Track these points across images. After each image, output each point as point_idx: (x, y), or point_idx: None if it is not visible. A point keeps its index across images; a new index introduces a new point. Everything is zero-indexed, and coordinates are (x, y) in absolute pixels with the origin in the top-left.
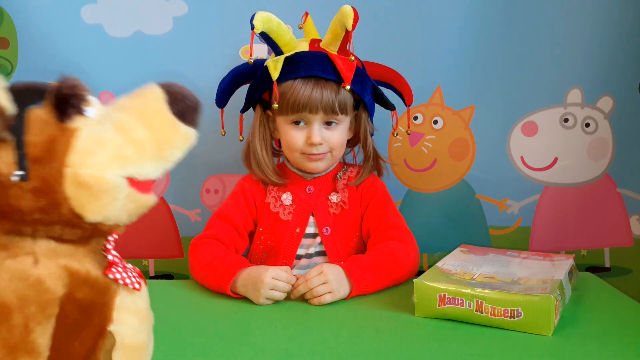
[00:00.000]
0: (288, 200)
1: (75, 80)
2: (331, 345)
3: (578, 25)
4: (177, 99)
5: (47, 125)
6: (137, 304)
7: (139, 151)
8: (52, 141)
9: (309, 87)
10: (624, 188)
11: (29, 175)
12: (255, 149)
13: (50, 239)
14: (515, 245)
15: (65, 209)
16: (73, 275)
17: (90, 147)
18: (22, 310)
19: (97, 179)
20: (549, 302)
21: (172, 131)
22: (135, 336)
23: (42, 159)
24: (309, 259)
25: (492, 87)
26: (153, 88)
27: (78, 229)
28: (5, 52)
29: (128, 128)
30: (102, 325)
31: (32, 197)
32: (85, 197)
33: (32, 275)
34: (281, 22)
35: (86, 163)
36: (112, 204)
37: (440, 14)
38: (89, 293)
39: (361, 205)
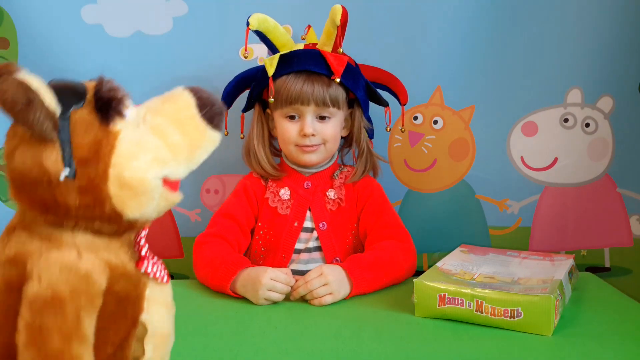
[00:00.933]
0: (286, 195)
1: (114, 83)
2: (331, 345)
3: (578, 25)
4: (206, 105)
5: (91, 127)
6: (165, 296)
7: (175, 154)
8: (97, 143)
9: (300, 81)
10: (624, 188)
11: (75, 175)
12: (252, 144)
13: (88, 233)
14: (515, 246)
15: (107, 207)
16: (112, 269)
17: (133, 150)
18: (74, 301)
19: (140, 181)
20: (549, 302)
21: (201, 135)
22: (163, 325)
23: (88, 160)
24: (309, 253)
25: (492, 87)
26: (184, 93)
27: (115, 224)
28: (5, 52)
29: (165, 133)
30: (135, 316)
31: (77, 195)
32: (126, 197)
33: (81, 269)
34: (278, 25)
35: (129, 165)
36: (149, 202)
37: (440, 14)
38: (125, 286)
39: (357, 204)
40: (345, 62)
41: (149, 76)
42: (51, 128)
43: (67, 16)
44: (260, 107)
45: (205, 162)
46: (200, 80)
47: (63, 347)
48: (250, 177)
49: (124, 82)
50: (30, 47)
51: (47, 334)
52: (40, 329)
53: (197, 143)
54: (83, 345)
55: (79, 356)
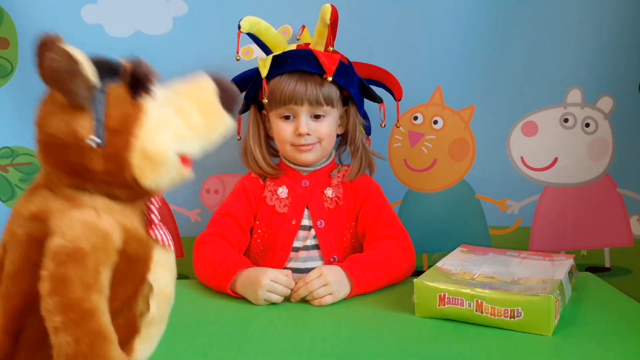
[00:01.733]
0: (284, 193)
1: (147, 64)
2: (331, 345)
3: (578, 25)
4: (226, 93)
5: (123, 101)
6: (169, 261)
7: (194, 134)
8: (127, 116)
9: (293, 81)
10: (624, 188)
11: (104, 143)
12: (249, 144)
13: (105, 197)
14: (515, 246)
15: (128, 175)
16: (126, 231)
17: (157, 126)
18: (94, 255)
19: (160, 154)
20: (549, 302)
21: (219, 119)
22: (167, 287)
23: (116, 130)
24: (307, 251)
25: (492, 87)
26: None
27: (132, 191)
28: (5, 52)
29: (187, 113)
30: (143, 275)
31: (103, 161)
32: (147, 167)
33: (100, 227)
34: (270, 27)
35: (153, 139)
36: (166, 174)
37: (440, 14)
38: (136, 247)
39: (355, 204)
40: (337, 61)
41: None
42: (88, 98)
43: (67, 16)
44: (256, 109)
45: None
46: None
47: (83, 295)
48: (249, 177)
49: None
50: (30, 47)
51: (69, 283)
52: (63, 279)
53: (214, 126)
54: (100, 295)
55: (97, 305)
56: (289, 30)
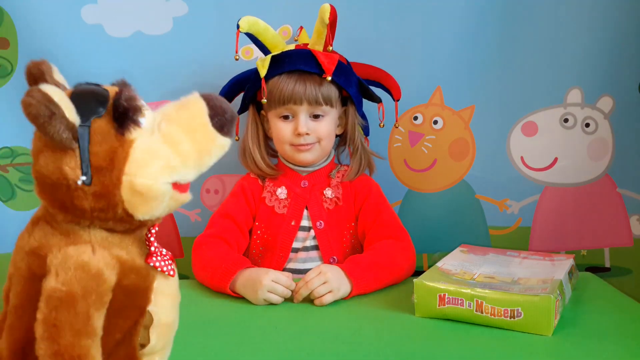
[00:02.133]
0: (283, 194)
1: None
2: (331, 345)
3: (578, 25)
4: (218, 113)
5: (108, 136)
6: (171, 288)
7: (184, 162)
8: (113, 152)
9: (292, 81)
10: (624, 188)
11: (92, 181)
12: (247, 145)
13: (103, 230)
14: (515, 246)
15: (119, 210)
16: (123, 265)
17: (145, 159)
18: (85, 299)
19: (150, 187)
20: (548, 302)
21: (211, 143)
22: (167, 315)
23: (103, 168)
24: (307, 252)
25: (492, 87)
26: (197, 101)
27: (127, 224)
28: (5, 52)
29: (176, 141)
30: (142, 306)
31: (93, 199)
32: (138, 201)
33: (93, 267)
34: (269, 27)
35: (141, 173)
36: (159, 206)
37: (440, 14)
38: (134, 279)
39: (355, 204)
40: (336, 61)
41: (149, 76)
42: (71, 138)
43: (67, 16)
44: (254, 109)
45: None
46: (200, 80)
47: (73, 341)
48: (248, 178)
49: None
50: (30, 47)
51: (60, 329)
52: (54, 324)
53: (206, 150)
54: (90, 339)
55: (87, 350)
56: (288, 30)
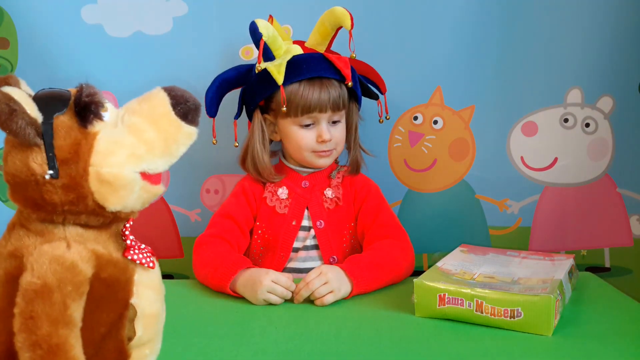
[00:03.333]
0: (284, 194)
1: (93, 89)
2: (331, 345)
3: (578, 25)
4: (180, 102)
5: (71, 130)
6: (152, 279)
7: (150, 150)
8: (77, 144)
9: (316, 89)
10: (623, 188)
11: (59, 174)
12: (256, 152)
13: (78, 226)
14: (515, 246)
15: (90, 201)
16: (99, 258)
17: (109, 148)
18: (60, 290)
19: (116, 176)
20: (548, 302)
21: (176, 131)
22: (152, 306)
23: (69, 160)
24: (307, 251)
25: (492, 87)
26: (159, 92)
27: (101, 217)
28: (5, 52)
29: (140, 130)
30: (125, 299)
31: (62, 192)
32: (106, 191)
33: (67, 260)
34: (275, 30)
35: (106, 162)
36: (129, 195)
37: (440, 14)
38: (112, 272)
39: (354, 204)
40: (348, 64)
41: (149, 76)
42: (34, 134)
43: (67, 16)
44: (259, 114)
45: (205, 162)
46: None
47: (50, 331)
48: (249, 178)
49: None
50: (31, 47)
51: (36, 320)
52: (31, 316)
53: (173, 138)
54: (68, 328)
55: (65, 339)
56: (289, 30)
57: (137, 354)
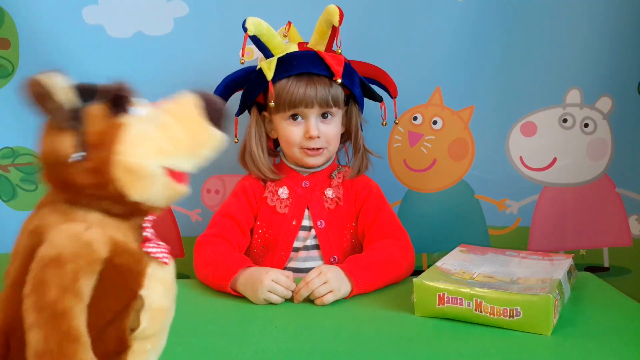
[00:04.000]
0: (284, 194)
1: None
2: (331, 345)
3: (577, 25)
4: (211, 107)
5: (102, 119)
6: (165, 276)
7: (176, 147)
8: (105, 132)
9: (303, 84)
10: (623, 188)
11: (88, 157)
12: (252, 148)
13: (100, 212)
14: (514, 245)
15: (112, 188)
16: (116, 244)
17: (136, 140)
18: (74, 262)
19: (139, 166)
20: (547, 301)
21: (204, 133)
22: (160, 301)
23: (97, 145)
24: (307, 251)
25: (492, 87)
26: (191, 95)
27: (122, 205)
28: (6, 52)
29: (169, 127)
30: (134, 289)
31: (87, 175)
32: (129, 180)
33: (83, 237)
34: (271, 28)
35: (131, 152)
36: (150, 187)
37: (439, 14)
38: (126, 260)
39: (355, 204)
40: (343, 62)
41: (149, 76)
42: (68, 117)
43: (68, 17)
44: (256, 111)
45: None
46: (201, 80)
47: (58, 297)
48: (249, 178)
49: None
50: (31, 47)
51: (46, 285)
52: (41, 281)
53: (200, 140)
54: (76, 299)
55: (70, 307)
56: None
57: (138, 346)
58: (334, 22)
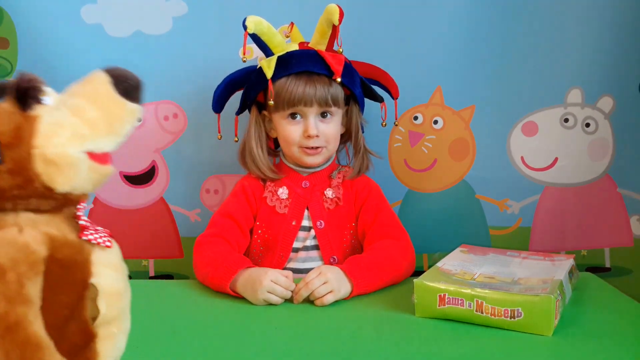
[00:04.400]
0: (284, 194)
1: (31, 75)
2: (331, 345)
3: (578, 25)
4: (121, 80)
5: (12, 115)
6: (110, 259)
7: (93, 129)
8: (19, 128)
9: (302, 82)
10: (624, 188)
11: (3, 159)
12: (251, 147)
13: (29, 211)
14: (515, 246)
15: (37, 184)
16: (53, 239)
17: (52, 130)
18: (14, 270)
19: (61, 156)
20: (549, 302)
21: (119, 109)
22: (112, 284)
23: (12, 144)
24: (307, 251)
25: (492, 87)
26: (99, 73)
27: (51, 199)
28: (5, 52)
29: (82, 110)
30: (84, 279)
31: (9, 177)
32: (53, 172)
33: (19, 241)
34: (271, 26)
35: (50, 143)
36: (76, 175)
37: (440, 14)
38: (68, 253)
39: (355, 204)
40: (343, 61)
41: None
42: None
43: (67, 16)
44: (256, 110)
45: (205, 162)
46: (200, 80)
47: (7, 309)
48: (249, 178)
49: None
50: (30, 46)
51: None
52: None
53: (116, 116)
54: (26, 306)
55: (23, 316)
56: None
57: (103, 332)
58: (334, 21)
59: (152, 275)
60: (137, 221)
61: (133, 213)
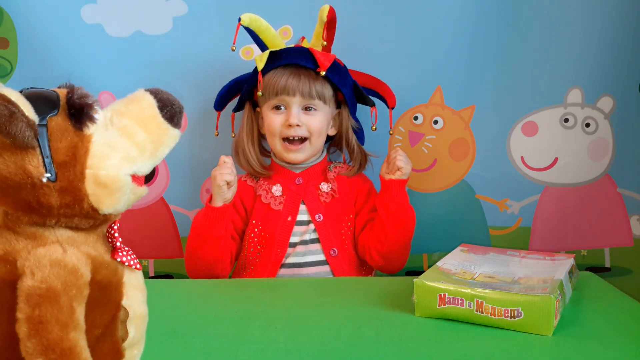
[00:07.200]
0: (278, 191)
1: (83, 91)
2: (331, 345)
3: (578, 25)
4: (166, 105)
5: (66, 132)
6: (139, 281)
7: (141, 152)
8: (74, 147)
9: (287, 73)
10: (624, 188)
11: (56, 177)
12: (242, 141)
13: (67, 229)
14: (515, 246)
15: (85, 204)
16: (93, 260)
17: (105, 151)
18: (66, 294)
19: (113, 179)
20: (549, 302)
21: (164, 133)
22: (140, 307)
23: (66, 163)
24: (305, 245)
25: (492, 87)
26: (145, 95)
27: (92, 219)
28: (5, 52)
29: (131, 133)
30: (117, 301)
31: (59, 195)
32: (102, 194)
33: (68, 263)
34: (270, 26)
35: (103, 165)
36: (122, 198)
37: (440, 14)
38: (106, 274)
39: (350, 198)
40: (332, 59)
41: (148, 76)
42: (32, 136)
43: (67, 16)
44: (250, 106)
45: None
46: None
47: (61, 335)
48: (239, 181)
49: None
50: (30, 47)
51: (46, 324)
52: (40, 321)
53: (160, 140)
54: (77, 331)
55: (76, 342)
56: (289, 30)
57: (128, 354)
58: (323, 17)
59: (152, 275)
60: (137, 221)
61: (133, 213)
